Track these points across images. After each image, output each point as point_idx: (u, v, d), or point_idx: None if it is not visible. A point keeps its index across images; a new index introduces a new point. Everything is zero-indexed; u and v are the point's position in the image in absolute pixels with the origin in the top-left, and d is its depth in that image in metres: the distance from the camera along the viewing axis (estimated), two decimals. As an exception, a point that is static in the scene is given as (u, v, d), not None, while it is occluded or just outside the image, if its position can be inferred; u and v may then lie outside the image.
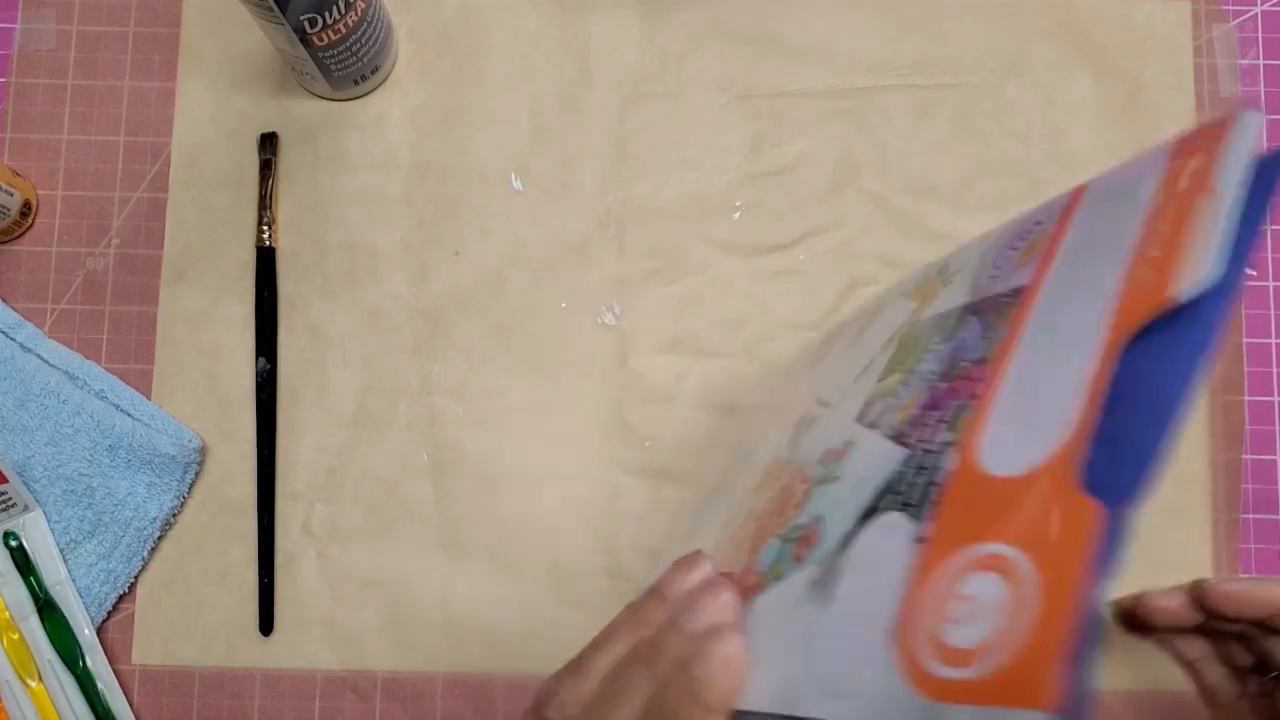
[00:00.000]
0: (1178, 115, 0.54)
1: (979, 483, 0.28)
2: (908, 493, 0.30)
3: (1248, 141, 0.27)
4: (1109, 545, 0.25)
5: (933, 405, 0.32)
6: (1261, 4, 0.55)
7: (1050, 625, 0.24)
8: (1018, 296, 0.31)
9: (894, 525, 0.30)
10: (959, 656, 0.26)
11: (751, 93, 0.54)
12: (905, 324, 0.37)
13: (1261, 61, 0.55)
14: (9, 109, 0.55)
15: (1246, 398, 0.53)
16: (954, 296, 0.35)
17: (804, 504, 0.34)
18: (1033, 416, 0.28)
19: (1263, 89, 0.54)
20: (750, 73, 0.54)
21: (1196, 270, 0.25)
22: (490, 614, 0.51)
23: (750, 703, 0.31)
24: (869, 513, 0.31)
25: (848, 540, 0.31)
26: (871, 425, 0.34)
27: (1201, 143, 0.28)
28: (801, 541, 0.33)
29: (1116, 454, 0.26)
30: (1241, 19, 0.55)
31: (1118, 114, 0.54)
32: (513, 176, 0.54)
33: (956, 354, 0.32)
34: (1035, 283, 0.31)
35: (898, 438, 0.32)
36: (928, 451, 0.30)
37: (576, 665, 0.34)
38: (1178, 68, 0.54)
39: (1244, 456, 0.52)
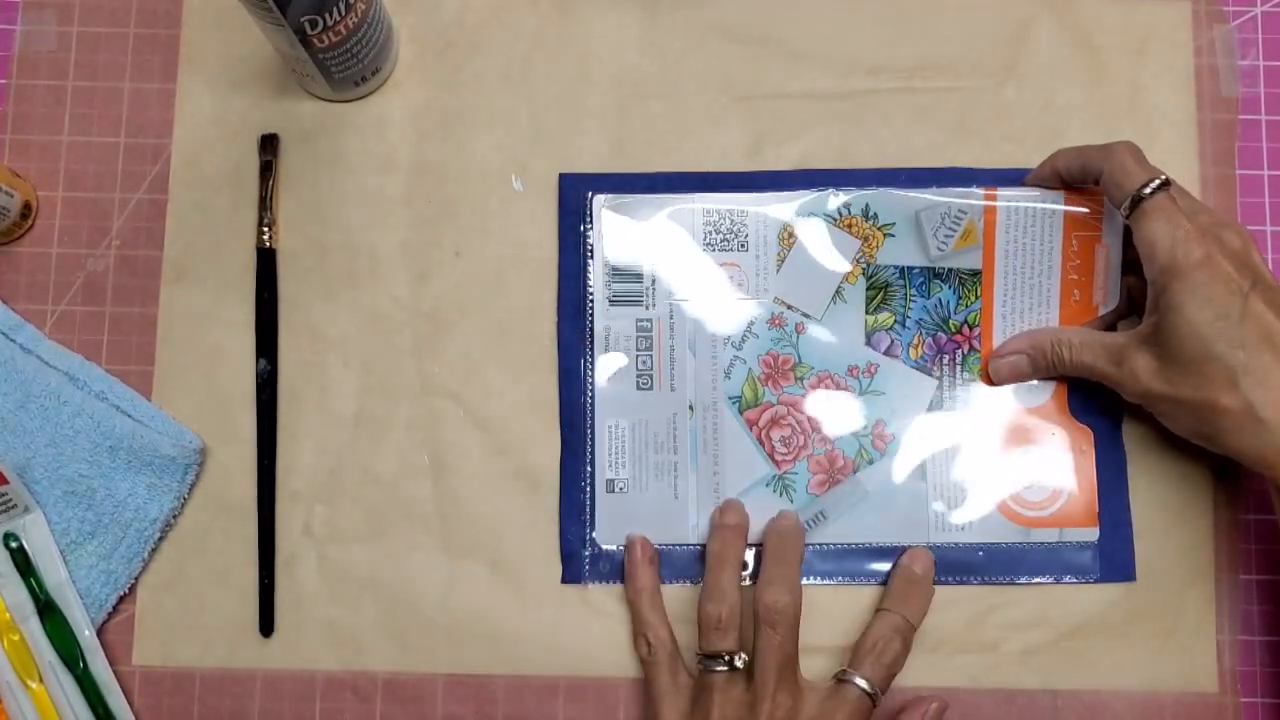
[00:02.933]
0: (1178, 116, 0.54)
1: (1006, 409, 0.52)
2: (952, 410, 0.52)
3: (1117, 211, 0.48)
4: (1100, 448, 0.52)
5: (940, 349, 0.52)
6: (1262, 5, 0.55)
7: (1083, 486, 0.52)
8: (978, 277, 0.52)
9: (954, 431, 0.52)
10: (1035, 505, 0.51)
11: (751, 94, 0.54)
12: (860, 260, 0.52)
13: (1261, 63, 0.54)
14: (9, 110, 0.55)
15: (1246, 398, 0.53)
16: (906, 253, 0.52)
17: (860, 409, 0.52)
18: None
19: (1262, 90, 0.54)
20: (750, 74, 0.54)
21: (1106, 297, 0.52)
22: (491, 614, 0.51)
23: (885, 538, 0.51)
24: (926, 423, 0.52)
25: (919, 440, 0.52)
26: (889, 354, 0.52)
27: (1086, 202, 0.51)
28: (877, 437, 0.52)
29: (1086, 397, 0.52)
30: (1241, 19, 0.55)
31: (1118, 116, 0.54)
32: (513, 177, 0.54)
33: (941, 311, 0.52)
34: (988, 271, 0.52)
35: (923, 369, 0.52)
36: (954, 383, 0.52)
37: (713, 588, 0.48)
38: (1178, 68, 0.54)
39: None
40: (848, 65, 0.54)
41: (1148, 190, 0.45)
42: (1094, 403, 0.52)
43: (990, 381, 0.52)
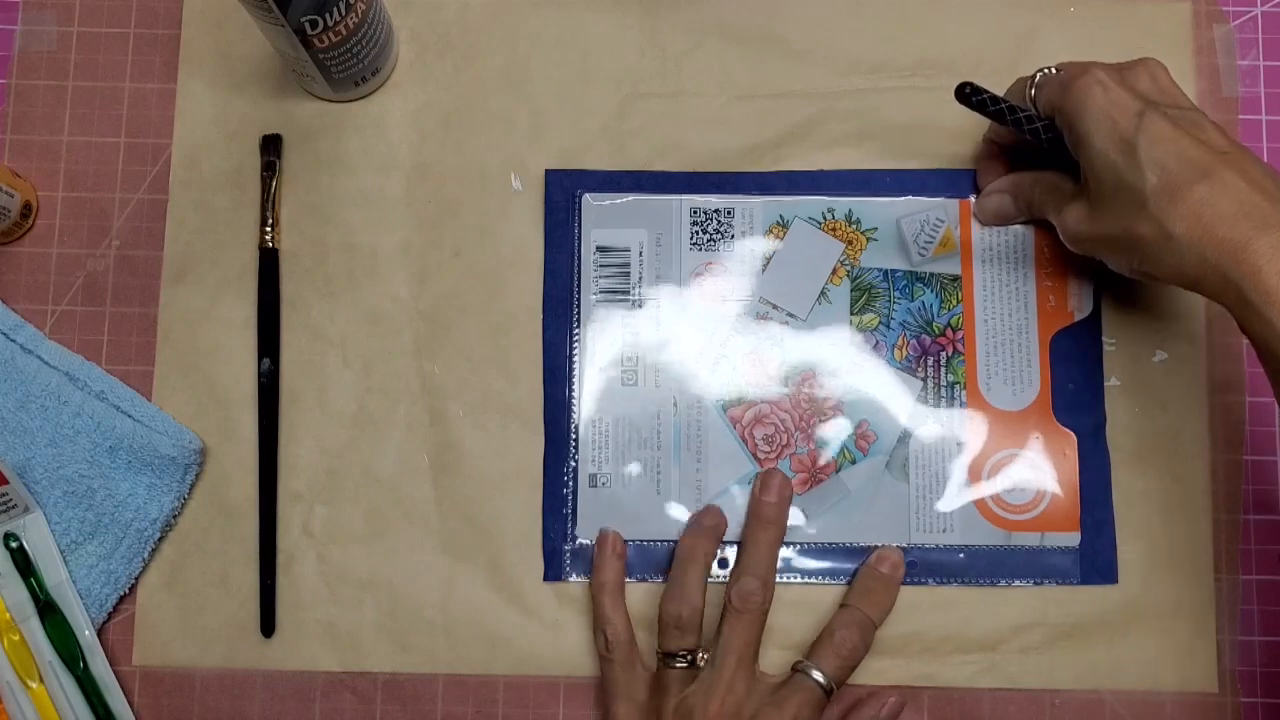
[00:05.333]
0: (1178, 116, 0.54)
1: (989, 412, 0.52)
2: (935, 411, 0.52)
3: None
4: (1084, 452, 0.52)
5: (924, 351, 0.52)
6: (1261, 5, 0.55)
7: (1066, 490, 0.51)
8: (958, 282, 0.53)
9: (937, 433, 0.52)
10: (1017, 509, 0.51)
11: (751, 93, 0.54)
12: (844, 262, 0.53)
13: (1262, 63, 0.54)
14: (9, 110, 0.55)
15: (1247, 398, 0.53)
16: (888, 257, 0.53)
17: (843, 409, 0.52)
18: (1010, 376, 0.52)
19: (1263, 90, 0.54)
20: (750, 73, 0.54)
21: (1081, 303, 0.53)
22: (490, 615, 0.51)
23: (866, 538, 0.51)
24: (909, 424, 0.52)
25: (902, 440, 0.52)
26: (873, 354, 0.52)
27: None
28: (860, 437, 0.52)
29: (1069, 401, 0.52)
30: (1241, 19, 0.55)
31: (1118, 115, 0.54)
32: (512, 176, 0.54)
33: (925, 314, 0.53)
34: (967, 277, 0.53)
35: (907, 370, 0.52)
36: (938, 385, 0.52)
37: (677, 587, 0.48)
38: (1178, 68, 0.54)
39: (1244, 457, 0.52)
40: (848, 64, 0.54)
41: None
42: (1077, 407, 0.52)
43: (980, 222, 0.53)
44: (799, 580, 0.51)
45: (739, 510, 0.51)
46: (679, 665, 0.47)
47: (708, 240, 0.53)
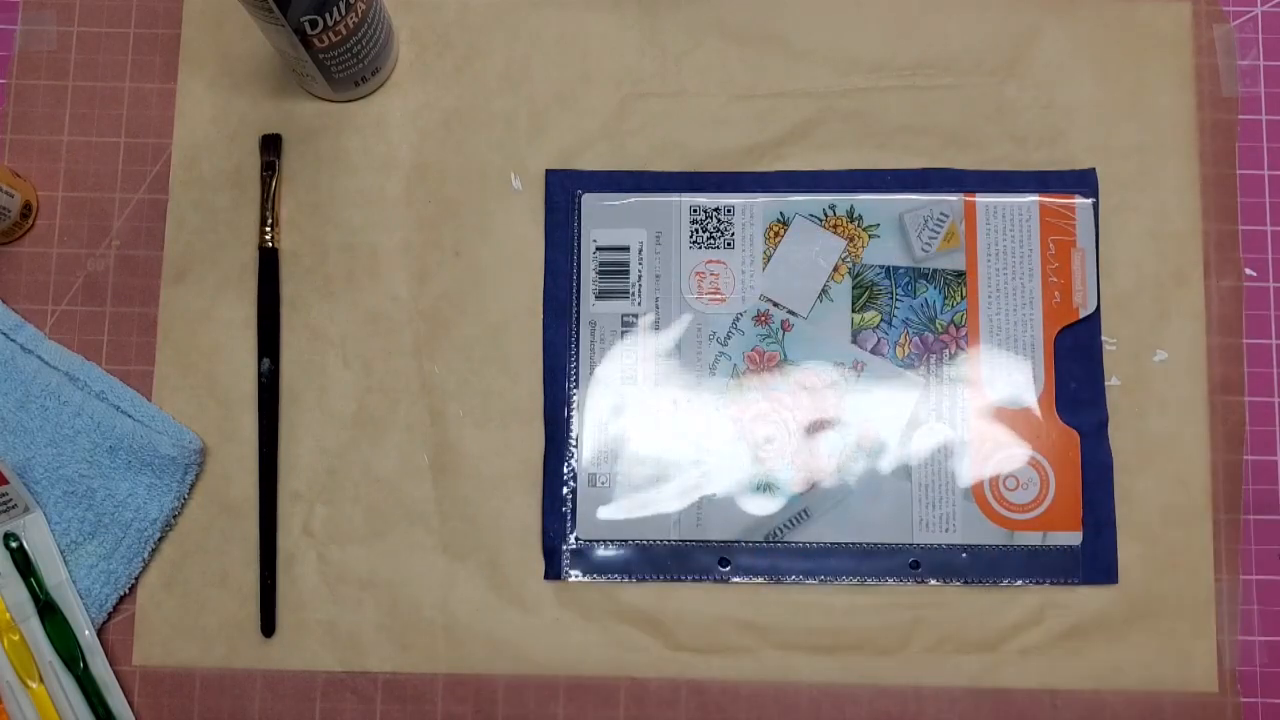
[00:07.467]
0: (1178, 116, 0.54)
1: (992, 410, 0.52)
2: (938, 410, 0.52)
3: (1090, 216, 0.53)
4: (1086, 451, 0.52)
5: (927, 349, 0.52)
6: (1262, 5, 0.55)
7: (1068, 488, 0.51)
8: (963, 278, 0.53)
9: (939, 431, 0.52)
10: (1019, 508, 0.51)
11: (751, 93, 0.54)
12: (845, 259, 0.53)
13: (1262, 63, 0.54)
14: (9, 110, 0.55)
15: (1246, 398, 0.53)
16: (891, 253, 0.53)
17: (845, 408, 0.52)
18: (1013, 373, 0.52)
19: (1263, 90, 0.54)
20: (750, 73, 0.54)
21: (1086, 300, 0.52)
22: (490, 615, 0.51)
23: (868, 537, 0.51)
24: (912, 422, 0.52)
25: (904, 438, 0.52)
26: (875, 351, 0.52)
27: (1060, 208, 0.53)
28: (861, 436, 0.52)
29: (1072, 400, 0.52)
30: (1241, 19, 0.55)
31: (1118, 115, 0.54)
32: (512, 176, 0.54)
33: (928, 311, 0.53)
34: (971, 273, 0.53)
35: (910, 368, 0.52)
36: (941, 383, 0.52)
37: None
38: (1178, 68, 0.54)
39: (1244, 457, 0.52)
40: (849, 63, 0.54)
41: None
42: (1080, 405, 0.52)
43: None
44: (800, 580, 0.51)
45: (740, 509, 0.51)
46: None
47: (708, 239, 0.53)
